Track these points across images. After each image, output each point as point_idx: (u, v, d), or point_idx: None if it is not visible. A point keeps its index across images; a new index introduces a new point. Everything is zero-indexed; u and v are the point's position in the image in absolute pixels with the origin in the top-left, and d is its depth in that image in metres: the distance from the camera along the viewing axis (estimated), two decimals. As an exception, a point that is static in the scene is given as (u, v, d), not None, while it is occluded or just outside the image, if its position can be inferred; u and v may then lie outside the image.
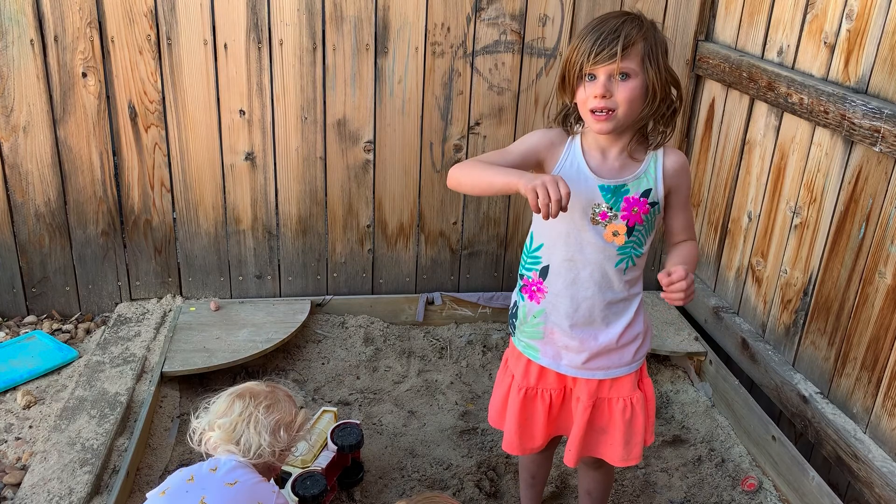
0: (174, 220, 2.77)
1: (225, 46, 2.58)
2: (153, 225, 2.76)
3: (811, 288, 2.26)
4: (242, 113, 2.66)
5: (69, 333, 2.69)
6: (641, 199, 1.60)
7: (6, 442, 2.18)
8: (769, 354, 2.43)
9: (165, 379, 2.42)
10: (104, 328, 2.70)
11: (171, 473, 1.66)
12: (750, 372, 2.50)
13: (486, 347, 2.83)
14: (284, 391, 1.71)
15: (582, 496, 1.98)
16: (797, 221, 2.33)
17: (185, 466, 1.62)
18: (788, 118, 2.36)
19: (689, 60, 2.85)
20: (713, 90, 2.78)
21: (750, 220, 2.58)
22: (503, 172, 1.51)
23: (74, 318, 2.80)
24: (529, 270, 1.70)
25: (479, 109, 2.79)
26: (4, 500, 1.96)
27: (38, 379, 2.44)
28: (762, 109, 2.49)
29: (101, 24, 2.49)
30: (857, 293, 2.08)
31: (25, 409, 2.31)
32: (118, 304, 2.82)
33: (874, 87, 2.02)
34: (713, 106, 2.78)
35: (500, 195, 2.91)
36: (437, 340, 2.87)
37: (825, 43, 2.21)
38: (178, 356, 2.48)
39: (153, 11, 2.51)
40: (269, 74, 2.63)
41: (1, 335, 2.64)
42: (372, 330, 2.87)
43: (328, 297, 2.93)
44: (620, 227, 1.60)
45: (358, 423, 2.15)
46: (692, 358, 2.73)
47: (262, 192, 2.77)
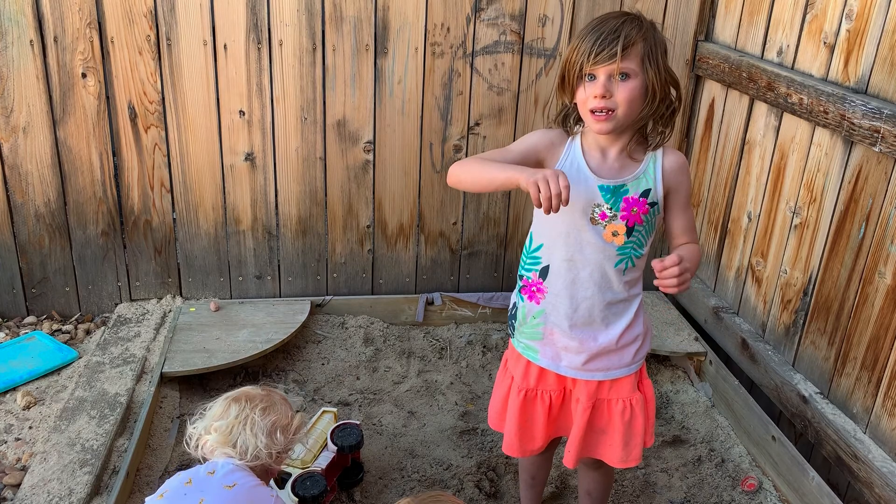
0: (174, 220, 2.77)
1: (225, 47, 2.58)
2: (153, 225, 2.76)
3: (811, 288, 2.26)
4: (242, 113, 2.66)
5: (69, 334, 2.69)
6: (641, 199, 1.60)
7: (6, 443, 2.18)
8: (769, 354, 2.43)
9: (165, 379, 2.42)
10: (104, 329, 2.70)
11: (170, 474, 1.66)
12: (750, 372, 2.50)
13: (485, 348, 2.83)
14: (280, 394, 1.71)
15: (582, 496, 1.98)
16: (797, 221, 2.33)
17: (184, 467, 1.63)
18: (788, 118, 2.36)
19: (688, 60, 2.85)
20: (713, 90, 2.78)
21: (750, 220, 2.58)
22: (503, 168, 1.52)
23: (74, 318, 2.80)
24: (529, 271, 1.70)
25: (478, 110, 2.79)
26: (4, 500, 1.96)
27: (37, 380, 2.44)
28: (762, 109, 2.49)
29: (100, 24, 2.49)
30: (856, 293, 2.08)
31: (25, 409, 2.31)
32: (118, 304, 2.82)
33: (874, 87, 2.02)
34: (713, 106, 2.78)
35: (499, 192, 2.91)
36: (436, 341, 2.87)
37: (825, 43, 2.20)
38: (177, 357, 2.49)
39: (153, 12, 2.51)
40: (268, 75, 2.63)
41: (1, 336, 2.64)
42: (372, 330, 2.87)
43: (328, 297, 2.93)
44: (620, 227, 1.60)
45: (358, 423, 2.15)
46: (692, 358, 2.73)
47: (261, 192, 2.77)
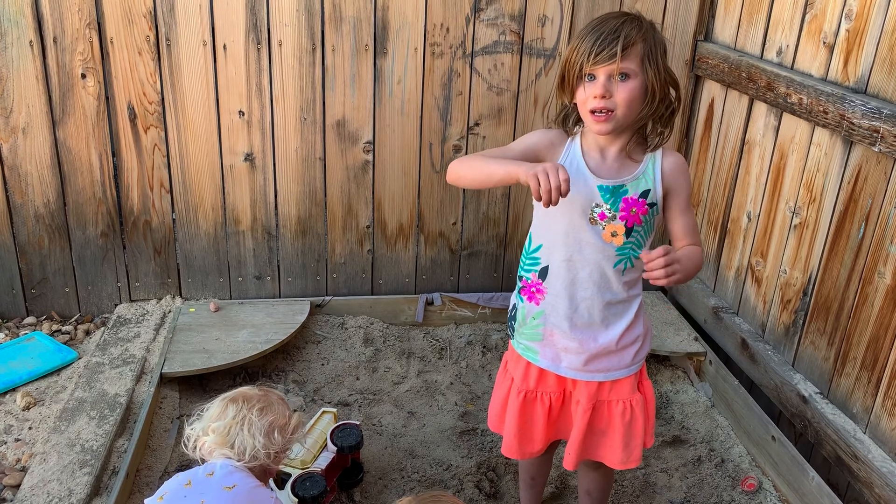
0: (173, 221, 2.77)
1: (224, 47, 2.58)
2: (153, 226, 2.76)
3: (811, 288, 2.26)
4: (242, 114, 2.66)
5: (69, 335, 2.69)
6: (640, 199, 1.60)
7: (6, 443, 2.18)
8: (769, 354, 2.43)
9: (165, 380, 2.42)
10: (104, 329, 2.70)
11: (170, 475, 1.66)
12: (749, 372, 2.50)
13: (485, 348, 2.83)
14: (277, 394, 1.71)
15: (582, 497, 1.98)
16: (797, 221, 2.33)
17: (184, 468, 1.63)
18: (788, 118, 2.36)
19: (688, 60, 2.84)
20: (712, 90, 2.78)
21: (749, 220, 2.58)
22: (503, 163, 1.53)
23: (74, 319, 2.80)
24: (528, 272, 1.70)
25: (478, 110, 2.79)
26: (4, 501, 1.96)
27: (37, 380, 2.44)
28: (761, 109, 2.49)
29: (100, 25, 2.49)
30: (856, 293, 2.08)
31: (25, 410, 2.31)
32: (118, 305, 2.82)
33: (873, 86, 2.02)
34: (712, 106, 2.78)
35: (499, 192, 2.91)
36: (436, 341, 2.87)
37: (824, 43, 2.20)
38: (177, 357, 2.48)
39: (152, 12, 2.51)
40: (268, 75, 2.63)
41: (0, 336, 2.64)
42: (371, 331, 2.87)
43: (328, 297, 2.93)
44: (619, 227, 1.60)
45: (358, 423, 2.15)
46: (692, 358, 2.73)
47: (261, 192, 2.77)
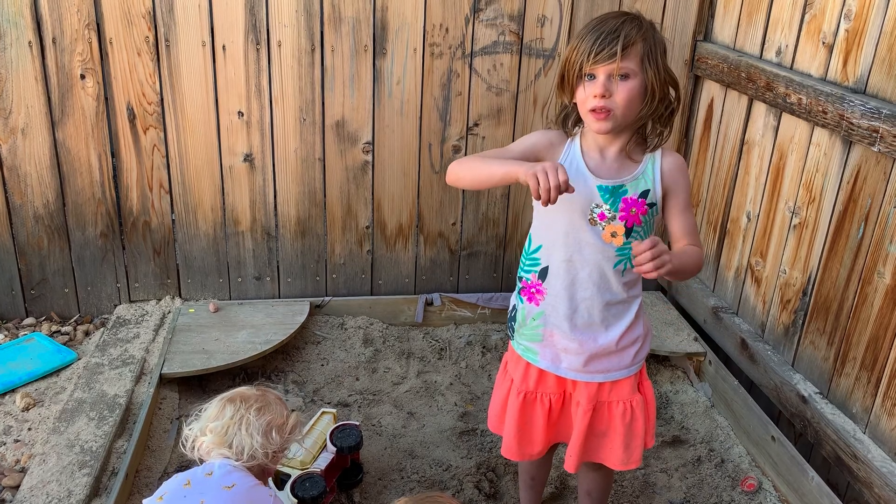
0: (173, 221, 2.77)
1: (223, 48, 2.58)
2: (152, 226, 2.76)
3: (810, 288, 2.26)
4: (241, 114, 2.66)
5: (68, 335, 2.69)
6: (639, 199, 1.60)
7: (5, 444, 2.18)
8: (768, 354, 2.43)
9: (164, 381, 2.42)
10: (103, 330, 2.70)
11: (169, 475, 1.66)
12: (749, 372, 2.50)
13: (485, 348, 2.83)
14: (275, 394, 1.71)
15: (581, 497, 1.97)
16: (796, 221, 2.33)
17: (184, 469, 1.63)
18: (787, 118, 2.36)
19: (687, 60, 2.85)
20: (712, 90, 2.78)
21: (749, 220, 2.58)
22: (502, 163, 1.54)
23: (73, 319, 2.80)
24: (528, 272, 1.70)
25: (477, 110, 2.79)
26: (3, 502, 1.96)
27: (36, 381, 2.44)
28: (761, 109, 2.49)
29: (99, 25, 2.49)
30: (856, 293, 2.08)
31: (24, 411, 2.31)
32: (117, 305, 2.82)
33: (872, 87, 2.02)
34: (712, 106, 2.78)
35: (498, 192, 2.91)
36: (436, 341, 2.86)
37: (823, 43, 2.20)
38: (177, 358, 2.48)
39: (151, 13, 2.51)
40: (267, 76, 2.63)
41: (0, 337, 2.64)
42: (371, 331, 2.87)
43: (327, 298, 2.93)
44: (619, 227, 1.60)
45: (357, 424, 2.15)
46: (691, 358, 2.73)
47: (260, 193, 2.77)
